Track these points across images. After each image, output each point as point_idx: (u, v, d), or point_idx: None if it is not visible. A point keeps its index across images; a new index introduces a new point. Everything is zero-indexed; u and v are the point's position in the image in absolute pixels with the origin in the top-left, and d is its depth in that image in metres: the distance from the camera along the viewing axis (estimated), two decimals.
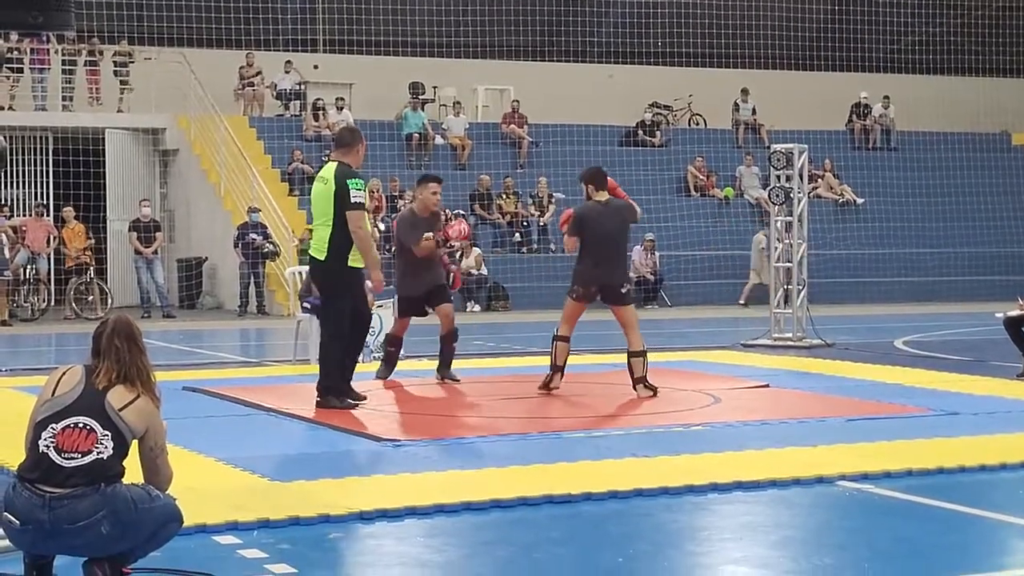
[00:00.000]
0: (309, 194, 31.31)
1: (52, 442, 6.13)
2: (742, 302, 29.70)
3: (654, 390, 13.22)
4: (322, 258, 12.28)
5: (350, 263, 12.17)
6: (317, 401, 12.31)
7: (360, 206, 12.19)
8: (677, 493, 8.65)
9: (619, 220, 13.38)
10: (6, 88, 30.77)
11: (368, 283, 12.49)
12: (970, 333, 22.13)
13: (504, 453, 10.17)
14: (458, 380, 14.18)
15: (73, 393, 6.23)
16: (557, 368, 13.39)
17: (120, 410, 6.24)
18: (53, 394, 6.28)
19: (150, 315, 27.30)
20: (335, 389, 12.29)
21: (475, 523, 7.92)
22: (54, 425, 6.15)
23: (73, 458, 6.09)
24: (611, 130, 35.25)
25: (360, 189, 12.14)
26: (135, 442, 6.35)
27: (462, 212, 27.41)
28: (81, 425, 6.15)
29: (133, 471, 6.41)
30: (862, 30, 39.67)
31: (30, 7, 6.90)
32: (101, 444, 6.14)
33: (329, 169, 12.41)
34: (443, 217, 15.17)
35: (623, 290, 13.41)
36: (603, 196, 13.42)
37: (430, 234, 13.97)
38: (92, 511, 6.05)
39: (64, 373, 6.38)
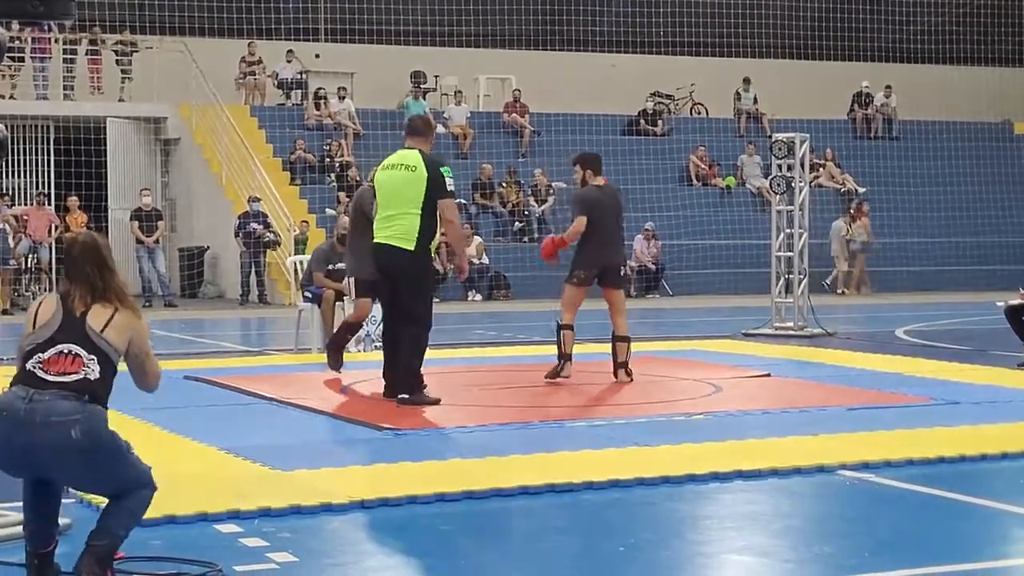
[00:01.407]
0: (310, 183, 31.36)
1: (40, 366, 6.19)
2: (828, 284, 30.56)
3: (631, 376, 13.38)
4: (411, 247, 11.73)
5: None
6: (402, 399, 11.80)
7: (455, 194, 12.00)
8: (679, 482, 8.65)
9: (617, 203, 13.67)
10: (7, 77, 30.77)
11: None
12: (971, 322, 22.14)
13: (506, 442, 10.17)
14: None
15: (53, 323, 6.26)
16: (567, 356, 13.41)
17: (102, 331, 6.25)
18: (34, 327, 6.30)
19: (151, 304, 27.31)
20: (421, 383, 11.94)
21: (476, 512, 7.93)
22: (41, 355, 6.20)
23: (60, 377, 6.17)
24: (613, 119, 35.24)
25: (451, 177, 11.91)
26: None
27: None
28: (67, 352, 6.20)
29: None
30: (864, 19, 39.65)
31: None
32: (87, 368, 6.20)
33: (413, 156, 11.86)
34: None
35: (621, 272, 13.68)
36: (600, 180, 13.57)
37: None
38: (69, 411, 6.10)
39: (40, 304, 6.42)
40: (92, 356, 6.22)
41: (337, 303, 16.22)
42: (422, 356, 11.96)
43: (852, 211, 31.98)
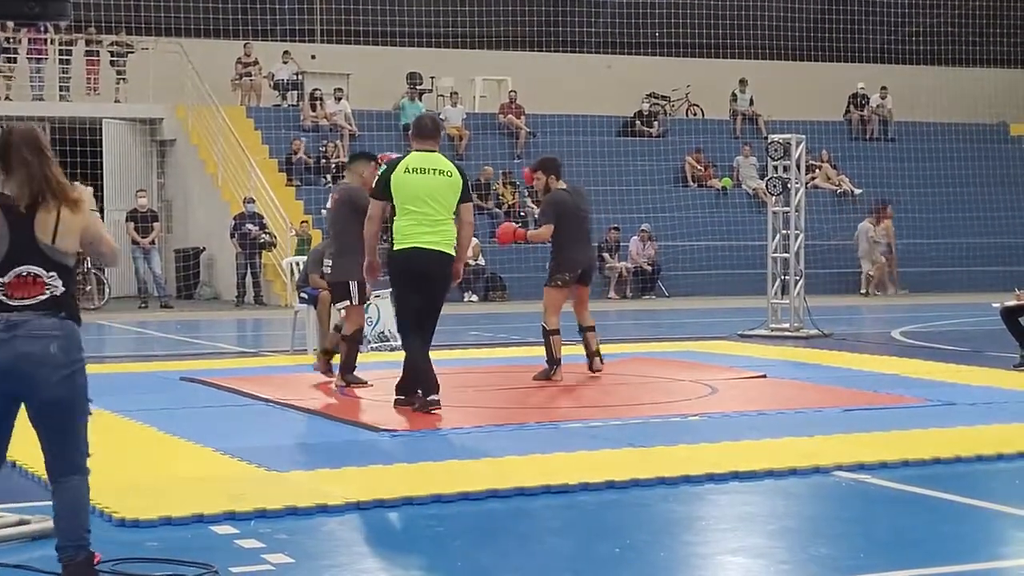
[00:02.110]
0: (307, 184, 31.28)
1: (2, 290, 6.21)
2: (864, 292, 30.72)
3: (603, 363, 14.02)
4: (452, 254, 11.66)
5: None
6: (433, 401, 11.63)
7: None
8: (674, 483, 8.66)
9: (586, 204, 14.28)
10: (2, 78, 30.78)
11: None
12: (967, 323, 22.16)
13: (501, 443, 10.18)
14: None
15: (3, 241, 6.22)
16: (557, 361, 13.50)
17: (53, 243, 6.24)
18: None
19: (147, 305, 27.32)
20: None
21: (472, 513, 7.93)
22: (1, 279, 6.19)
23: (27, 300, 6.21)
24: (609, 120, 35.26)
25: None
26: None
27: None
28: (25, 274, 6.21)
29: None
30: (860, 20, 39.68)
31: None
32: (50, 285, 6.24)
33: (444, 161, 11.71)
34: None
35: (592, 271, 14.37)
36: (562, 184, 14.09)
37: None
38: (50, 327, 6.20)
39: None
40: (52, 273, 6.24)
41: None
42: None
43: (877, 213, 32.01)
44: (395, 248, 11.58)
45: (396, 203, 11.55)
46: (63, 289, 6.26)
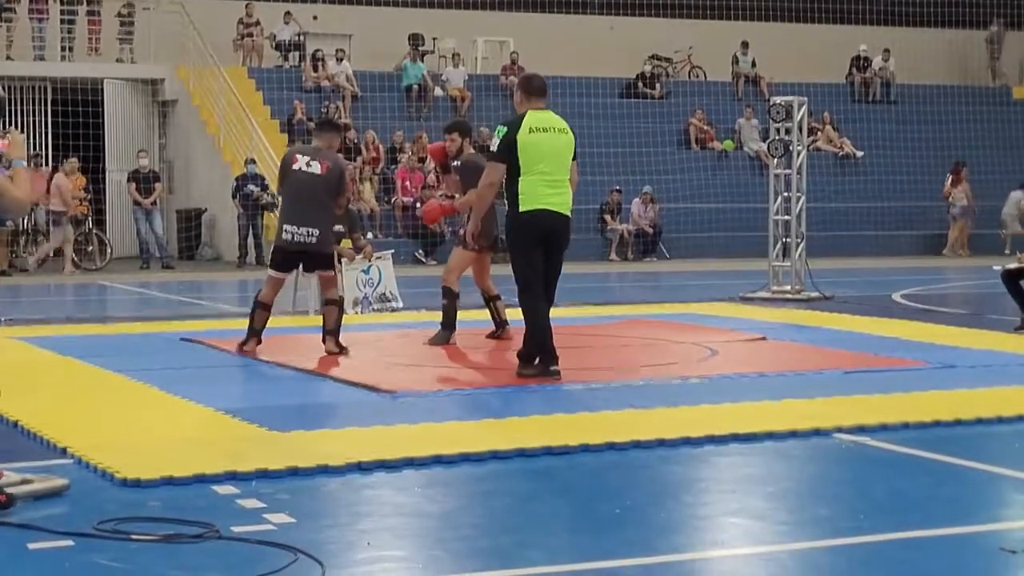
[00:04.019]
0: (309, 143, 31.32)
1: None
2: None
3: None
4: (569, 215, 11.55)
5: None
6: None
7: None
8: (674, 445, 8.67)
9: None
10: (4, 38, 30.72)
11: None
12: (968, 287, 22.16)
13: (502, 404, 10.21)
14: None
15: None
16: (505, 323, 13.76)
17: None
18: None
19: (149, 266, 27.34)
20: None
21: (473, 474, 7.95)
22: None
23: None
24: (611, 82, 35.19)
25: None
26: None
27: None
28: None
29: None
30: None
31: None
32: None
33: (558, 119, 11.53)
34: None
35: None
36: (471, 149, 13.85)
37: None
38: None
39: None
40: None
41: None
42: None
43: (954, 175, 32.03)
44: (521, 209, 11.29)
45: (521, 164, 11.24)
46: None
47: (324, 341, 12.95)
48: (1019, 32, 40.94)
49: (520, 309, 11.58)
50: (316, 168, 12.77)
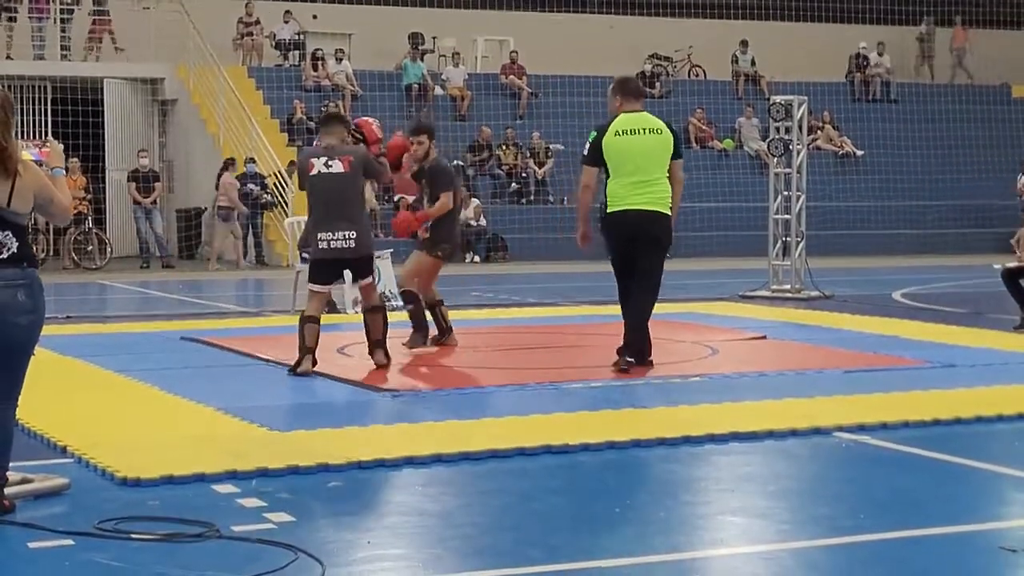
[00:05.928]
0: (308, 144, 31.34)
1: None
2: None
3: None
4: (669, 213, 11.73)
5: None
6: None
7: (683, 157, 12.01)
8: (674, 444, 8.67)
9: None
10: (3, 37, 30.71)
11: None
12: (968, 285, 22.15)
13: (502, 403, 10.21)
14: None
15: None
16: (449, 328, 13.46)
17: (9, 206, 6.55)
18: None
19: (149, 265, 27.35)
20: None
21: (473, 473, 7.95)
22: None
23: None
24: (611, 81, 34.93)
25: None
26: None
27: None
28: None
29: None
30: None
31: None
32: (6, 244, 6.57)
33: (653, 119, 11.86)
34: None
35: None
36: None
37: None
38: (14, 276, 6.58)
39: None
40: (6, 232, 6.57)
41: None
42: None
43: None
44: (608, 211, 11.66)
45: (608, 166, 11.61)
46: (18, 243, 6.59)
47: (371, 354, 12.03)
48: (1018, 31, 40.92)
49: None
50: (337, 167, 11.85)
